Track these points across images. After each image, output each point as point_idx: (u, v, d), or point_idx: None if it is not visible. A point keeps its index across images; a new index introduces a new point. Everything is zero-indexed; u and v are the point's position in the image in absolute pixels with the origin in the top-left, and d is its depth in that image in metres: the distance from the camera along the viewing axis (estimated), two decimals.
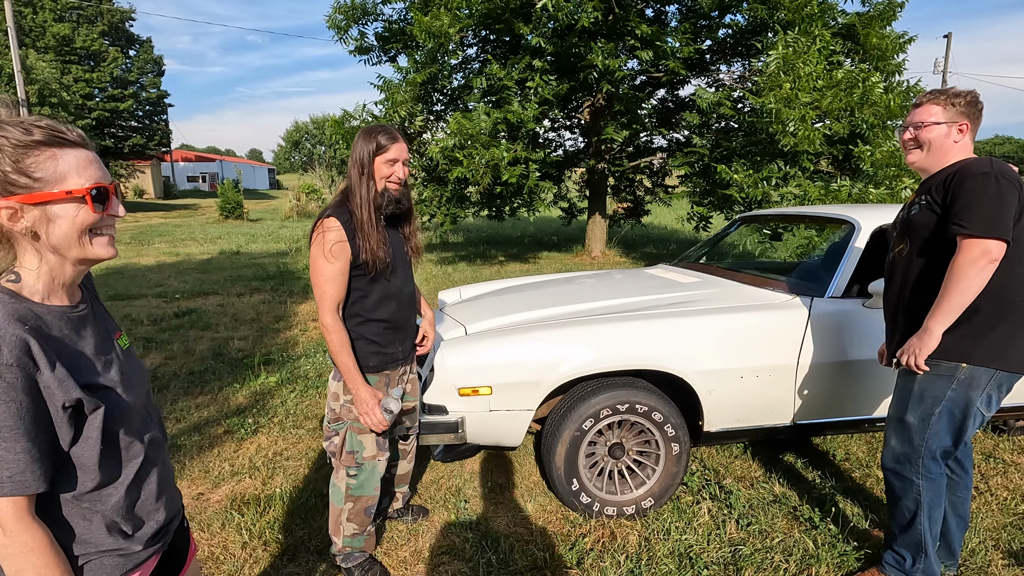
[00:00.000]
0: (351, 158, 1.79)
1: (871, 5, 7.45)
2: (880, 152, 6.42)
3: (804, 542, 2.16)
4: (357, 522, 1.97)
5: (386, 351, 1.91)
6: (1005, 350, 1.66)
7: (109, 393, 0.89)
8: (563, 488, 2.35)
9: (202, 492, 2.56)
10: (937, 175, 1.74)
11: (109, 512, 0.90)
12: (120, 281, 7.78)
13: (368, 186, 1.77)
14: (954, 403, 1.71)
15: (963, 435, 1.73)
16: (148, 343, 4.83)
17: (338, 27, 8.82)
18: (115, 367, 0.94)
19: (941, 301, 1.62)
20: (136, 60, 28.60)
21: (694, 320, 2.37)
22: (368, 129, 1.81)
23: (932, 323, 1.64)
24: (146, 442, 0.98)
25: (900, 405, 1.82)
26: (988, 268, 1.56)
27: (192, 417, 3.36)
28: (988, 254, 1.55)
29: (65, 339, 0.86)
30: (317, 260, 1.75)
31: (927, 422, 1.74)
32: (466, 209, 8.81)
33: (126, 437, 0.92)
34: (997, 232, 1.55)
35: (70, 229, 0.85)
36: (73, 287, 0.93)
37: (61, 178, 0.83)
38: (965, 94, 1.74)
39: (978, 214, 1.56)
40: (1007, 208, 1.57)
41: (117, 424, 0.90)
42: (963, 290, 1.58)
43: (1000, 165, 1.61)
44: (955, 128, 1.72)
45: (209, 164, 48.24)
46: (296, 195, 21.79)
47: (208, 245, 12.13)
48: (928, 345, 1.65)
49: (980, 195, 1.58)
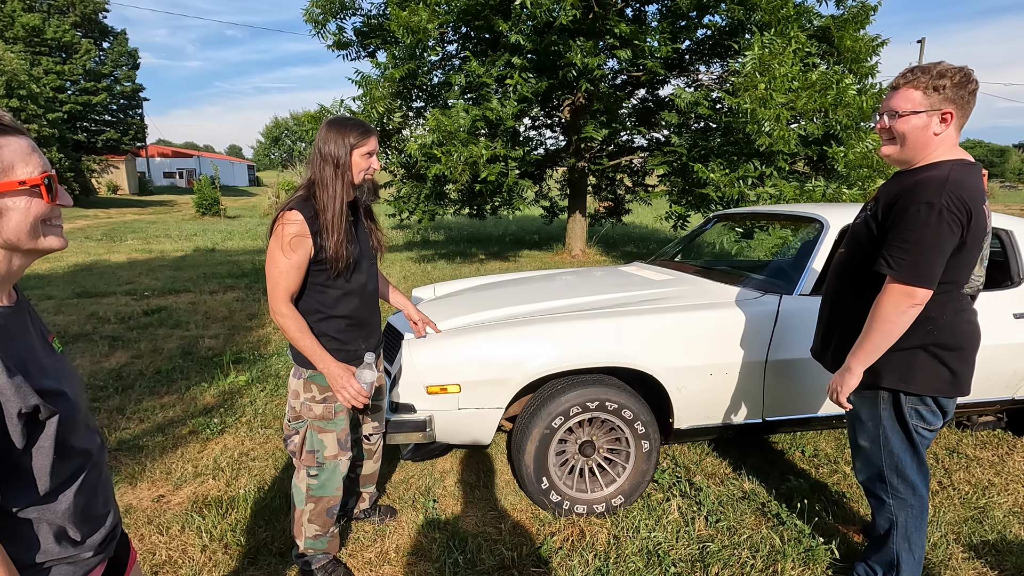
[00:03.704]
0: (320, 152, 1.71)
1: (845, 8, 7.57)
2: (853, 153, 6.52)
3: (771, 538, 2.17)
4: (319, 523, 1.92)
5: (348, 348, 1.86)
6: (908, 372, 1.60)
7: (60, 398, 0.85)
8: (533, 487, 2.32)
9: (163, 494, 2.49)
10: (897, 181, 1.61)
11: (59, 519, 0.85)
12: (88, 278, 7.57)
13: (344, 181, 1.72)
14: (890, 423, 1.68)
15: (917, 450, 1.69)
16: (114, 341, 4.70)
17: (316, 21, 8.69)
18: (59, 369, 0.90)
19: (863, 341, 1.58)
20: (110, 52, 27.92)
21: (663, 317, 2.37)
22: (337, 121, 1.74)
23: (853, 362, 1.61)
24: (94, 446, 0.95)
25: (852, 430, 1.81)
26: (911, 312, 1.50)
27: (156, 417, 3.27)
28: (911, 299, 1.49)
29: (14, 340, 0.81)
30: (274, 252, 1.70)
31: (878, 443, 1.72)
32: (445, 207, 8.75)
33: (74, 442, 0.88)
34: (923, 280, 1.47)
35: (23, 221, 0.81)
36: (9, 286, 0.88)
37: (8, 167, 0.79)
38: (953, 74, 1.47)
39: (909, 254, 1.47)
40: (942, 249, 1.46)
41: (68, 430, 0.86)
42: (884, 333, 1.53)
43: (953, 190, 1.44)
44: (936, 118, 1.50)
45: (186, 160, 47.32)
46: (276, 192, 21.45)
47: (183, 242, 11.88)
48: (849, 383, 1.62)
49: (918, 231, 1.46)
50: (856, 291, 1.71)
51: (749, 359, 2.38)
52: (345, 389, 1.74)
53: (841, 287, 1.79)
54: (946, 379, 1.60)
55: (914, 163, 1.59)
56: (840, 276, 1.80)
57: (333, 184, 1.70)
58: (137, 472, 2.65)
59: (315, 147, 1.74)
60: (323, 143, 1.71)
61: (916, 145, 1.54)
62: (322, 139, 1.72)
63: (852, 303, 1.73)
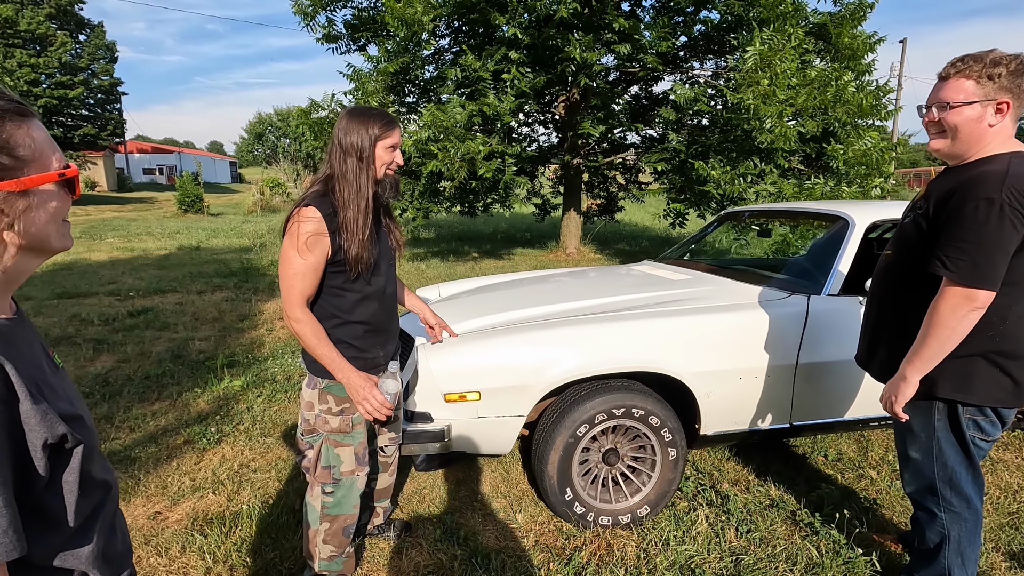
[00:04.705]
0: (341, 144, 1.57)
1: (842, 5, 7.55)
2: (852, 151, 6.50)
3: (807, 549, 2.08)
4: (335, 543, 1.79)
5: (366, 356, 1.72)
6: (967, 381, 1.50)
7: (78, 423, 0.72)
8: (556, 498, 2.21)
9: (159, 511, 2.33)
10: (949, 177, 1.50)
11: (83, 565, 0.73)
12: (69, 278, 7.29)
13: (368, 176, 1.58)
14: (945, 434, 1.57)
15: (973, 461, 1.59)
16: (99, 344, 4.48)
17: (305, 13, 8.45)
18: (69, 390, 0.76)
19: (919, 348, 1.48)
20: (87, 46, 27.12)
21: (692, 319, 2.26)
22: (359, 111, 1.60)
23: (909, 370, 1.51)
24: (111, 476, 0.82)
25: (901, 441, 1.72)
26: (972, 316, 1.40)
27: (148, 426, 3.09)
28: (972, 302, 1.38)
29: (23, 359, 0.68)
30: (288, 252, 1.56)
31: (930, 455, 1.62)
32: (439, 204, 8.59)
33: (95, 473, 0.76)
34: (984, 281, 1.36)
35: (49, 219, 0.71)
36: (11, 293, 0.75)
37: (43, 156, 0.68)
38: (1008, 61, 1.37)
39: (968, 254, 1.37)
40: (1004, 248, 1.35)
41: (88, 460, 0.73)
42: (942, 339, 1.43)
43: (1015, 184, 1.34)
44: (991, 108, 1.40)
45: (167, 156, 46.40)
46: (260, 189, 21.07)
47: (166, 240, 11.56)
48: (905, 393, 1.52)
49: (977, 230, 1.36)
50: (905, 295, 1.62)
51: (779, 362, 2.29)
52: (367, 401, 1.61)
53: (888, 291, 1.70)
54: (1008, 388, 1.50)
55: (967, 157, 1.48)
56: (887, 279, 1.71)
57: (357, 178, 1.57)
58: (131, 487, 2.49)
59: (334, 139, 1.60)
60: (344, 134, 1.58)
61: (970, 138, 1.45)
62: (343, 130, 1.58)
63: (901, 308, 1.64)
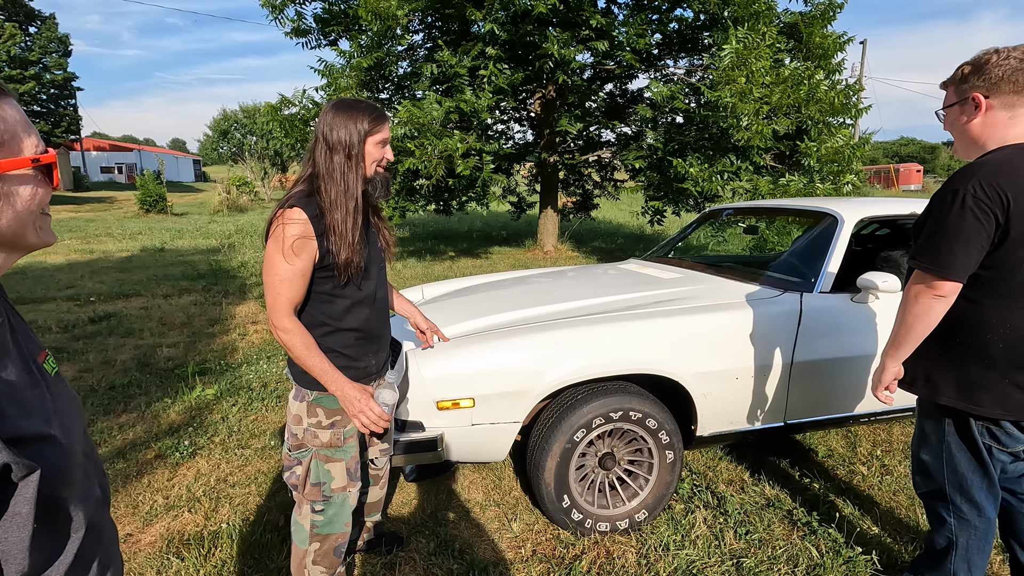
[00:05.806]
0: (327, 140, 1.46)
1: (813, 5, 7.68)
2: (824, 148, 6.62)
3: (807, 550, 2.06)
4: (325, 564, 1.69)
5: (358, 365, 1.62)
6: (973, 392, 1.44)
7: (44, 446, 0.61)
8: (553, 505, 2.14)
9: (131, 533, 2.18)
10: None
11: None
12: (23, 282, 6.90)
13: (357, 174, 1.48)
14: (955, 439, 1.52)
15: (987, 470, 1.52)
16: (59, 353, 4.23)
17: (273, 6, 8.18)
18: (47, 404, 0.65)
19: (892, 336, 1.52)
20: (37, 38, 25.87)
21: (689, 319, 2.22)
22: (345, 104, 1.49)
23: (884, 356, 1.55)
24: (91, 504, 0.71)
25: (915, 441, 1.69)
26: (935, 305, 1.39)
27: (115, 440, 2.91)
28: (932, 290, 1.39)
29: None
30: (273, 257, 1.45)
31: (941, 459, 1.57)
32: (415, 202, 8.45)
33: (67, 503, 0.65)
34: (943, 270, 1.36)
35: (26, 209, 0.62)
36: None
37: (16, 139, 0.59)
38: (976, 59, 1.41)
39: (932, 243, 1.39)
40: (964, 238, 1.34)
41: (56, 488, 0.62)
42: (908, 326, 1.45)
43: (986, 176, 1.32)
44: (968, 106, 1.44)
45: (126, 154, 44.65)
46: (226, 188, 20.44)
47: (127, 241, 11.09)
48: (883, 378, 1.54)
49: (941, 220, 1.38)
50: None
51: (775, 361, 2.27)
52: (364, 414, 1.51)
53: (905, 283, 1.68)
54: (1019, 401, 1.43)
55: (971, 156, 1.50)
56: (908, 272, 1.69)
57: (345, 177, 1.46)
58: None
59: (318, 134, 1.49)
60: (330, 129, 1.47)
61: (961, 138, 1.51)
62: (328, 125, 1.47)
63: None
